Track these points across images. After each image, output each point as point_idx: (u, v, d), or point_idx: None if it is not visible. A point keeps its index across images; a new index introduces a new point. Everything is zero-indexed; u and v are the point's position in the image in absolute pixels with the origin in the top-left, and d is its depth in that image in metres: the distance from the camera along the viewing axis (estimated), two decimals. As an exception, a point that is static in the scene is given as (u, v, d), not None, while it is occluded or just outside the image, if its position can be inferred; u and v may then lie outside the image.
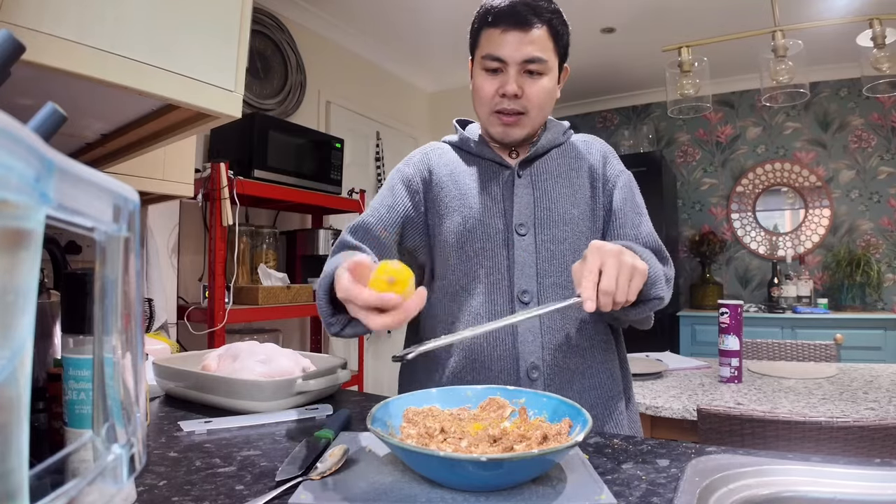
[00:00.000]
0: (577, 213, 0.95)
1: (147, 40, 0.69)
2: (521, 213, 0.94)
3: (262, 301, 2.21)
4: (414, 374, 1.00)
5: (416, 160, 1.02)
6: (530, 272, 0.92)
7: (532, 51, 0.88)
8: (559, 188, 0.96)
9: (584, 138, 1.04)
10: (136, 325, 0.33)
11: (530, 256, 0.92)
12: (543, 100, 0.92)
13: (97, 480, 0.30)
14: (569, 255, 0.93)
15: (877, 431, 1.08)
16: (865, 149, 3.79)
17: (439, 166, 1.00)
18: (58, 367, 0.61)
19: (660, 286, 0.82)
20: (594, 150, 1.01)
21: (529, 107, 0.92)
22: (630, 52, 3.61)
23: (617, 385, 0.97)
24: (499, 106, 0.92)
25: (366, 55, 3.53)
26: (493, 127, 0.95)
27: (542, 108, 0.94)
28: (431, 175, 0.99)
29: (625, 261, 0.71)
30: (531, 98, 0.91)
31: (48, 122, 0.38)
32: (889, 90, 2.02)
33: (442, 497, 0.54)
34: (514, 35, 0.88)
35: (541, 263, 0.92)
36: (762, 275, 4.03)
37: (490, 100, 0.93)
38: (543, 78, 0.91)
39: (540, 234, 0.93)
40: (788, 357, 2.37)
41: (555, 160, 0.99)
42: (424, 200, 0.98)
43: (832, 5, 2.91)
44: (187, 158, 1.59)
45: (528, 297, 0.91)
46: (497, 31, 0.89)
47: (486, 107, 0.94)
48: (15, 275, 0.20)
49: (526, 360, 0.89)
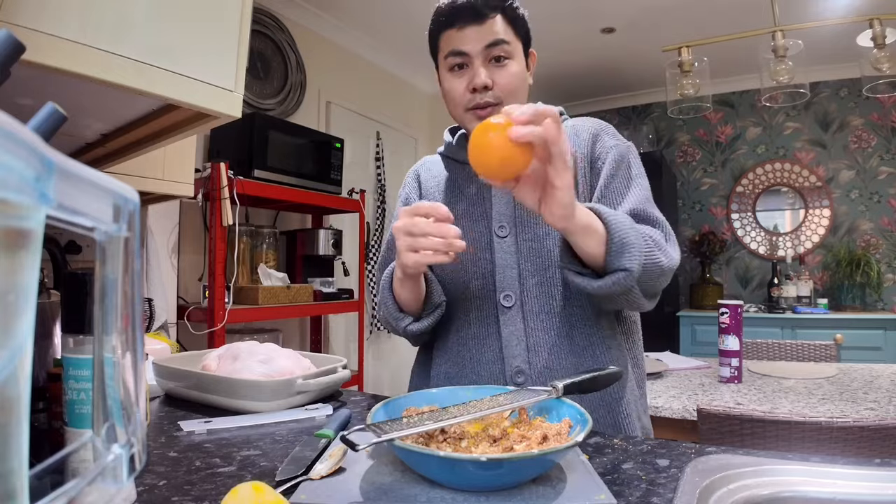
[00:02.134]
0: None
1: (147, 40, 0.69)
2: (501, 215, 0.93)
3: (262, 301, 2.21)
4: (411, 379, 1.03)
5: (410, 180, 1.06)
6: (512, 274, 0.90)
7: (492, 37, 0.87)
8: None
9: (574, 122, 0.98)
10: (136, 325, 0.33)
11: (511, 258, 0.91)
12: (515, 86, 0.90)
13: (97, 480, 0.30)
14: (553, 251, 0.90)
15: (877, 431, 1.08)
16: (865, 149, 3.79)
17: (427, 179, 1.02)
18: (58, 367, 0.61)
19: (628, 256, 0.73)
20: (582, 132, 0.95)
21: (502, 95, 0.89)
22: (630, 52, 3.61)
23: (623, 388, 0.94)
24: (472, 102, 0.90)
25: (366, 55, 3.53)
26: (470, 124, 0.92)
27: (515, 95, 0.91)
28: (421, 188, 1.02)
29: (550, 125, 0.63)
30: (502, 86, 0.89)
31: (48, 122, 0.38)
32: (889, 90, 2.02)
33: (442, 497, 0.54)
34: (471, 29, 0.88)
35: (523, 264, 0.91)
36: (762, 275, 4.03)
37: (461, 98, 0.91)
38: (511, 63, 0.89)
39: (521, 234, 0.92)
40: (788, 357, 2.37)
41: None
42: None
43: (832, 5, 2.91)
44: (187, 158, 1.59)
45: (512, 299, 0.90)
46: (453, 30, 0.89)
47: (459, 106, 0.92)
48: (15, 275, 0.20)
49: (510, 363, 0.89)
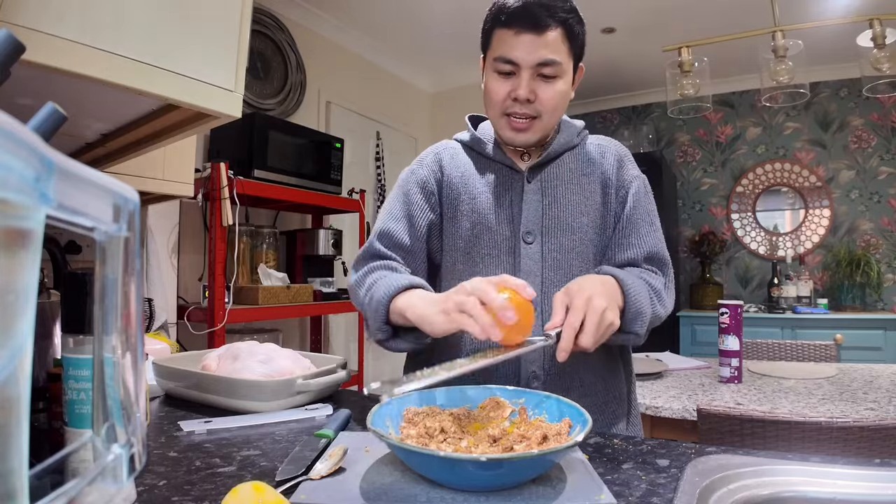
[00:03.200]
0: (587, 221, 0.93)
1: (147, 40, 0.69)
2: (530, 221, 0.92)
3: (262, 301, 2.21)
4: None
5: (429, 160, 1.00)
6: (535, 281, 0.90)
7: (546, 54, 0.85)
8: (569, 195, 0.93)
9: (599, 141, 1.01)
10: (136, 325, 0.33)
11: (536, 265, 0.91)
12: (557, 103, 0.89)
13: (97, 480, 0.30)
14: (575, 264, 0.92)
15: (877, 431, 1.08)
16: (865, 149, 3.79)
17: (451, 167, 0.98)
18: (58, 367, 0.61)
19: (640, 322, 0.81)
20: (608, 155, 0.98)
21: (542, 111, 0.89)
22: (630, 52, 3.61)
23: (619, 389, 0.96)
24: (510, 109, 0.89)
25: (366, 55, 3.52)
26: (503, 131, 0.92)
27: (556, 112, 0.91)
28: (443, 176, 0.98)
29: (605, 318, 0.72)
30: (544, 102, 0.88)
31: (48, 122, 0.38)
32: (889, 90, 2.02)
33: (442, 497, 0.54)
34: (527, 37, 0.84)
35: (546, 272, 0.91)
36: (762, 275, 4.03)
37: (501, 103, 0.89)
38: (558, 81, 0.88)
39: (547, 243, 0.92)
40: (788, 357, 2.37)
41: (567, 164, 0.96)
42: (440, 203, 0.97)
43: (832, 5, 2.91)
44: (187, 158, 1.59)
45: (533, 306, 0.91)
46: (510, 32, 0.86)
47: (496, 109, 0.91)
48: (15, 275, 0.20)
49: (528, 367, 0.89)
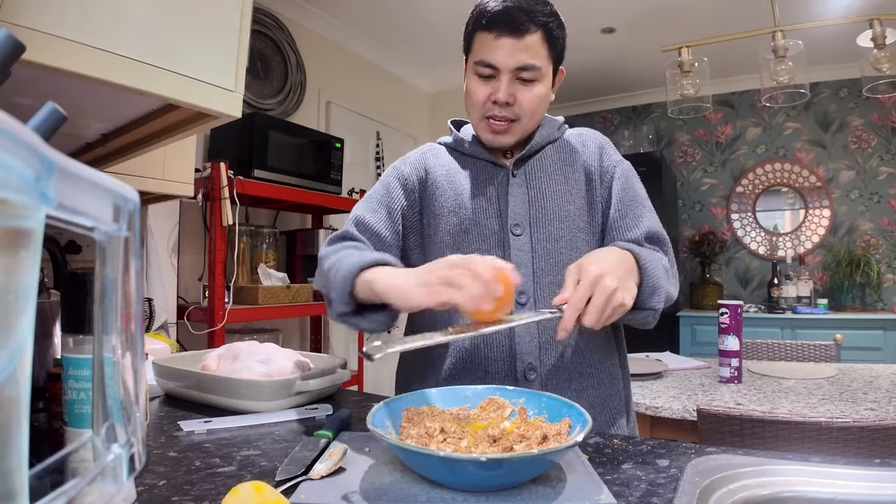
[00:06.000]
0: (574, 210, 0.95)
1: (147, 40, 0.69)
2: (517, 213, 0.93)
3: (262, 301, 2.21)
4: (410, 374, 1.00)
5: (413, 159, 1.02)
6: (526, 272, 0.91)
7: (525, 58, 0.86)
8: (554, 185, 0.95)
9: (579, 132, 1.03)
10: (136, 325, 0.33)
11: (526, 256, 0.92)
12: (536, 107, 0.91)
13: (97, 480, 0.30)
14: (565, 253, 0.92)
15: (877, 432, 1.08)
16: (865, 149, 3.79)
17: (435, 167, 1.00)
18: (58, 367, 0.61)
19: (657, 297, 0.80)
20: (589, 143, 1.00)
21: (521, 114, 0.91)
22: (630, 52, 3.61)
23: (616, 385, 0.96)
24: (490, 112, 0.91)
25: (366, 55, 3.52)
26: (482, 133, 0.95)
27: (534, 115, 0.93)
28: (427, 175, 0.99)
29: (614, 299, 0.69)
30: (523, 106, 0.90)
31: (48, 122, 0.38)
32: (889, 90, 2.02)
33: (442, 497, 0.54)
34: (507, 41, 0.86)
35: (537, 263, 0.92)
36: (762, 275, 4.03)
37: (481, 106, 0.91)
38: (536, 85, 0.89)
39: (536, 234, 0.93)
40: (788, 357, 2.37)
41: (549, 157, 0.98)
42: (420, 200, 0.98)
43: (832, 5, 2.91)
44: (187, 158, 1.59)
45: (525, 297, 0.91)
46: (490, 35, 0.87)
47: (476, 112, 0.93)
48: (15, 275, 0.20)
49: (523, 360, 0.89)
